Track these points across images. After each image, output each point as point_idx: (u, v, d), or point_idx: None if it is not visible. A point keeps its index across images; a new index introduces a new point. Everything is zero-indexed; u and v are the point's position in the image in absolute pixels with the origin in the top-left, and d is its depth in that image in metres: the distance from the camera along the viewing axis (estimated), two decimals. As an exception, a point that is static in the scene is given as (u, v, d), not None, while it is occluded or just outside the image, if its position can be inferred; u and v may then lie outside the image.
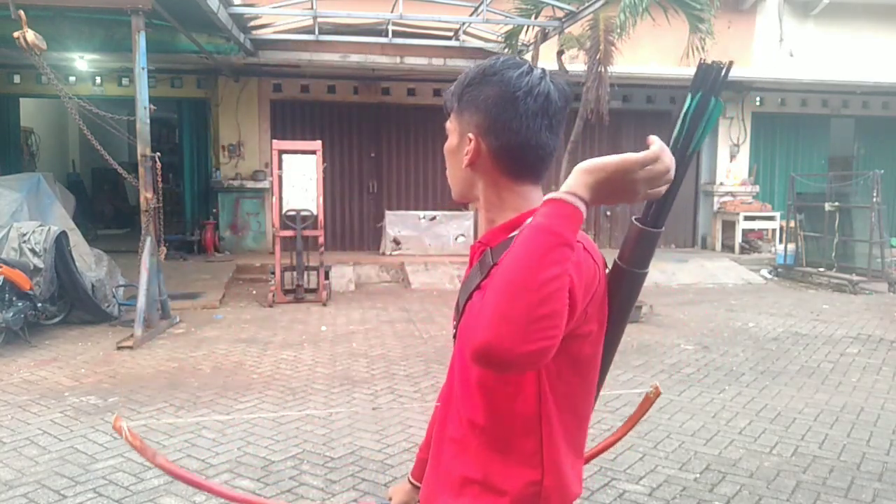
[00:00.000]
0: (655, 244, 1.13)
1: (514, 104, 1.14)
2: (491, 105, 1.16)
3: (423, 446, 1.50)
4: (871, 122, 13.89)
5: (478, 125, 1.17)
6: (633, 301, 1.18)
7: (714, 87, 1.06)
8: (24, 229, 6.63)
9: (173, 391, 5.00)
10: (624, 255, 1.14)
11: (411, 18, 8.93)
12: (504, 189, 1.20)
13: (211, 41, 9.25)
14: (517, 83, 1.15)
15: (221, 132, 11.76)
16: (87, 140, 7.41)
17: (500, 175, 1.19)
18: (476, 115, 1.18)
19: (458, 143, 1.22)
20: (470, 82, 1.20)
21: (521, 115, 1.15)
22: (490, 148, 1.17)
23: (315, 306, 8.22)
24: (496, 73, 1.17)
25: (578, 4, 8.31)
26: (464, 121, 1.20)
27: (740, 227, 12.43)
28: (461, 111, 1.21)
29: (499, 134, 1.16)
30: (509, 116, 1.15)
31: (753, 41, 12.14)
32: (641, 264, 1.13)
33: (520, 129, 1.15)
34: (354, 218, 12.32)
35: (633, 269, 1.13)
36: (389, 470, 3.73)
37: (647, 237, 1.11)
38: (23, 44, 6.21)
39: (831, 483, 3.65)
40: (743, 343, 6.71)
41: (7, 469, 3.69)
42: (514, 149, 1.16)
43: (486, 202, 1.22)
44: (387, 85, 11.98)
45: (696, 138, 1.08)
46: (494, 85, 1.16)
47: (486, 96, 1.16)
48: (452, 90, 1.24)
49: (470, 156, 1.19)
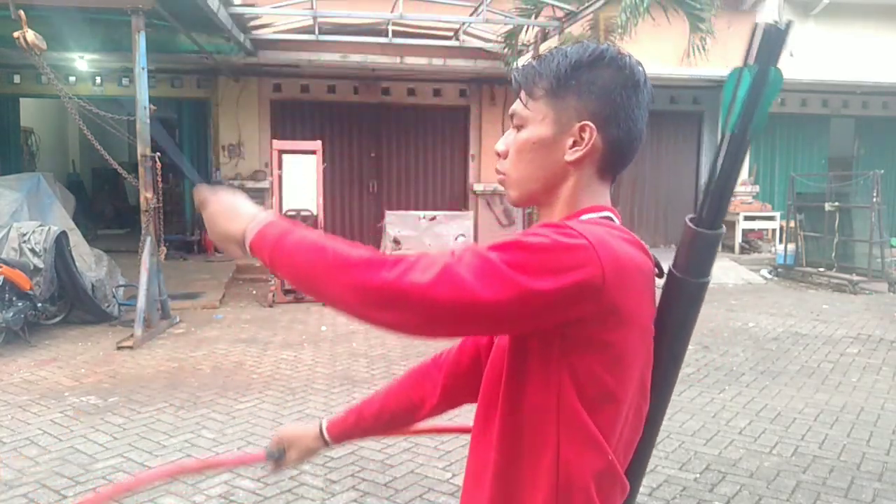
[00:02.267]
0: (714, 248, 1.01)
1: (637, 92, 1.05)
2: (615, 91, 1.04)
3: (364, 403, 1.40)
4: (871, 122, 13.89)
5: (595, 114, 1.04)
6: (692, 315, 1.05)
7: (773, 54, 0.94)
8: (24, 229, 6.62)
9: (173, 391, 5.00)
10: (678, 262, 1.02)
11: (411, 18, 8.93)
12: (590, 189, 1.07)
13: (211, 41, 9.25)
14: (638, 70, 1.06)
15: (221, 132, 11.76)
16: (87, 140, 7.42)
17: (597, 170, 1.07)
18: (594, 102, 1.04)
19: (556, 134, 1.06)
20: (577, 64, 1.05)
21: (642, 104, 1.06)
22: (607, 139, 1.05)
23: (315, 306, 8.22)
24: (611, 59, 1.05)
25: (578, 4, 8.30)
26: (567, 107, 1.05)
27: (740, 227, 12.43)
28: (563, 96, 1.05)
29: (621, 123, 1.04)
30: (633, 105, 1.05)
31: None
32: (698, 272, 1.01)
33: (638, 119, 1.06)
34: (354, 218, 12.32)
35: (688, 278, 1.02)
36: (389, 470, 3.73)
37: (704, 240, 1.00)
38: (23, 44, 6.20)
39: (831, 483, 3.65)
40: (743, 343, 6.71)
41: (7, 469, 3.69)
42: (631, 140, 1.06)
43: (563, 204, 1.08)
44: (387, 85, 11.98)
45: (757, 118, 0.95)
46: (615, 70, 1.05)
47: (607, 81, 1.04)
48: (541, 70, 1.07)
49: (585, 149, 1.04)
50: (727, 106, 0.96)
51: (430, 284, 0.89)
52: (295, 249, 0.98)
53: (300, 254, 0.97)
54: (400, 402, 1.38)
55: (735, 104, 0.95)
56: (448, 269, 0.90)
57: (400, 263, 0.92)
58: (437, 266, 0.90)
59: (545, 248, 0.92)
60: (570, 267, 0.91)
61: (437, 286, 0.89)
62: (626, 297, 0.96)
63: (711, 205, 1.00)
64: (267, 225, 1.04)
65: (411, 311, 0.90)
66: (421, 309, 0.90)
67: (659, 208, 13.19)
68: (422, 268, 0.90)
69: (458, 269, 0.90)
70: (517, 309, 0.91)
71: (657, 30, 8.97)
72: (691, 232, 1.01)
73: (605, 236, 0.96)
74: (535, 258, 0.91)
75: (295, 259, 0.98)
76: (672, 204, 13.21)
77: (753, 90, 0.94)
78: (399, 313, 0.91)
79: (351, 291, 0.92)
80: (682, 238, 1.03)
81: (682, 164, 13.31)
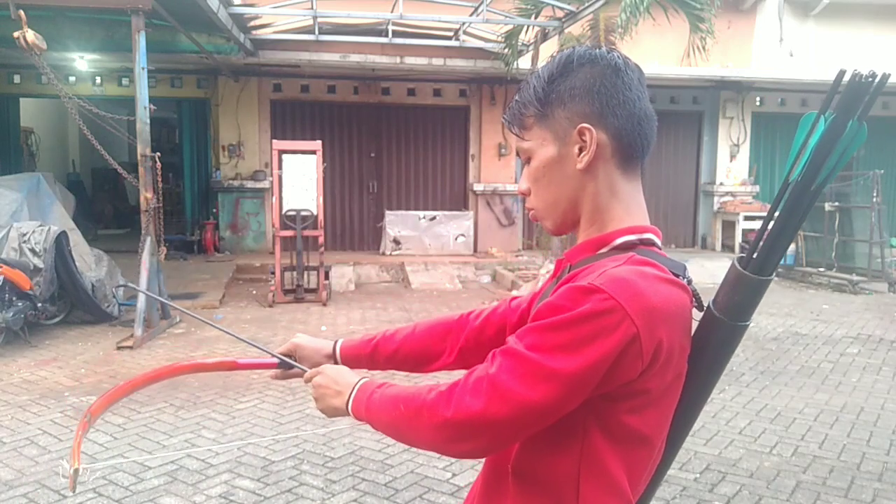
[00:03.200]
0: (760, 295, 0.97)
1: (619, 75, 1.03)
2: (596, 84, 1.03)
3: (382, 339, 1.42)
4: (871, 122, 13.65)
5: (585, 113, 1.03)
6: (726, 356, 1.02)
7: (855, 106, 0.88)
8: (24, 229, 6.62)
9: (173, 391, 5.00)
10: (719, 301, 0.99)
11: (411, 18, 8.93)
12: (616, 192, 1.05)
13: (211, 41, 9.25)
14: (609, 59, 1.04)
15: (221, 132, 11.75)
16: (87, 140, 7.42)
17: (615, 168, 1.05)
18: (579, 104, 1.03)
19: (560, 149, 1.05)
20: (552, 78, 1.05)
21: (629, 85, 1.03)
22: (610, 132, 1.03)
23: (315, 306, 8.22)
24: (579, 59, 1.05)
25: (578, 4, 8.30)
26: (559, 120, 1.04)
27: (740, 227, 12.42)
28: (550, 113, 1.05)
29: (616, 110, 1.02)
30: (620, 87, 1.03)
31: (753, 41, 12.13)
32: (738, 315, 0.97)
33: (634, 99, 1.03)
34: (354, 218, 12.31)
35: (726, 320, 0.98)
36: (389, 470, 3.73)
37: (749, 284, 0.96)
38: (23, 44, 6.21)
39: (831, 483, 3.65)
40: (743, 343, 6.63)
41: (7, 469, 3.69)
42: (636, 122, 1.04)
43: (591, 216, 1.06)
44: (387, 85, 11.98)
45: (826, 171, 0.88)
46: (586, 68, 1.04)
47: (584, 79, 1.03)
48: (525, 99, 1.08)
49: (592, 150, 1.02)
50: (797, 151, 0.92)
51: (485, 407, 0.94)
52: (380, 410, 1.09)
53: (384, 413, 1.08)
54: (417, 349, 1.40)
55: (805, 151, 0.90)
56: (492, 383, 0.94)
57: (453, 393, 0.98)
58: (483, 384, 0.95)
59: (572, 322, 0.93)
60: (603, 333, 0.91)
61: (491, 406, 0.94)
62: (661, 343, 0.94)
63: (763, 250, 0.96)
64: (358, 392, 1.15)
65: (480, 437, 0.96)
66: (487, 431, 0.95)
67: (659, 208, 13.17)
68: (471, 391, 0.95)
69: (501, 379, 0.94)
70: (567, 393, 0.93)
71: (657, 30, 8.97)
72: (737, 273, 0.97)
73: (636, 284, 0.94)
74: (564, 337, 0.93)
75: (382, 419, 1.09)
76: (672, 204, 13.21)
77: (825, 141, 0.89)
78: (473, 442, 0.97)
79: (429, 437, 1.01)
80: (726, 276, 0.99)
81: (681, 164, 13.31)
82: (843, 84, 0.86)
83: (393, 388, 1.08)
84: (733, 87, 12.56)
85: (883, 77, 0.86)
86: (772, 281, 0.96)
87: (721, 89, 12.64)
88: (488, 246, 11.61)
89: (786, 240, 0.94)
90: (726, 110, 12.94)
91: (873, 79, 0.85)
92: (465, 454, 1.01)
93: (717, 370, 1.05)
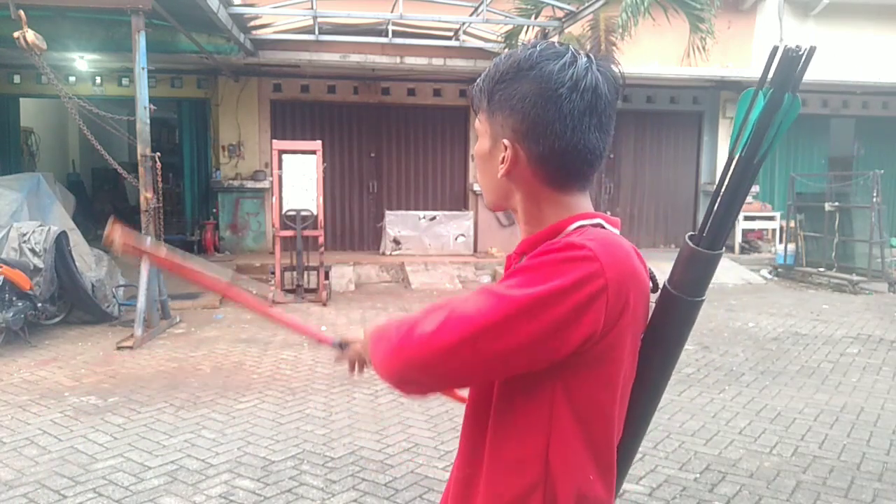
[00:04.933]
0: (712, 269, 0.99)
1: (557, 103, 0.98)
2: (528, 105, 0.99)
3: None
4: (871, 122, 13.88)
5: (514, 129, 1.01)
6: (685, 333, 1.03)
7: (789, 79, 0.89)
8: (24, 229, 6.62)
9: (173, 391, 5.00)
10: (674, 279, 1.00)
11: (411, 18, 8.93)
12: (545, 200, 1.03)
13: (211, 41, 9.26)
14: (559, 78, 0.98)
15: (221, 132, 11.75)
16: (87, 140, 7.41)
17: (542, 185, 1.03)
18: (511, 117, 1.01)
19: (491, 148, 1.06)
20: (502, 78, 1.03)
21: (566, 115, 0.98)
22: (529, 155, 1.01)
23: (315, 306, 8.22)
24: (533, 67, 1.00)
25: (578, 4, 8.31)
26: (496, 123, 1.04)
27: (740, 227, 12.43)
28: (493, 112, 1.04)
29: (539, 139, 0.99)
30: (552, 118, 0.98)
31: (753, 41, 12.13)
32: (694, 291, 0.99)
33: (564, 133, 0.98)
34: (354, 218, 12.31)
35: (683, 296, 0.99)
36: (389, 470, 3.73)
37: (702, 260, 0.97)
38: (23, 44, 6.21)
39: (831, 483, 3.65)
40: (743, 343, 6.71)
41: (7, 469, 3.69)
42: (559, 155, 0.99)
43: (525, 214, 1.06)
44: (387, 85, 11.98)
45: (766, 144, 0.92)
46: (532, 81, 0.99)
47: (523, 95, 1.00)
48: (481, 85, 1.07)
49: (507, 165, 1.02)
50: (738, 127, 0.93)
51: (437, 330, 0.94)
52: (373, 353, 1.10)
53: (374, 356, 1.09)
54: None
55: (746, 127, 0.92)
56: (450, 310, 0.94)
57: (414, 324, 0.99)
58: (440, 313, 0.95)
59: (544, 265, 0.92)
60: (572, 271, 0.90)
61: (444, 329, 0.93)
62: (628, 303, 0.94)
63: (713, 225, 0.97)
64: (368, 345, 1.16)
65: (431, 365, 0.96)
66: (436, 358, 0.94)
67: (659, 208, 13.18)
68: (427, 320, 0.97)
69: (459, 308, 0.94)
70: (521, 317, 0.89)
71: (657, 30, 8.98)
72: (690, 250, 0.98)
73: (612, 244, 0.95)
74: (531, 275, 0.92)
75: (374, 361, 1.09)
76: (672, 204, 13.21)
77: (765, 115, 0.90)
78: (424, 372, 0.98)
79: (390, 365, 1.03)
80: (679, 255, 1.01)
81: (681, 164, 13.30)
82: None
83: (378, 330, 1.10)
84: (733, 87, 12.54)
85: (811, 49, 0.86)
86: (722, 255, 0.99)
87: (721, 89, 12.64)
88: (488, 246, 11.61)
89: (733, 213, 0.96)
90: (726, 110, 12.93)
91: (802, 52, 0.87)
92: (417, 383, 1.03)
93: (677, 347, 1.05)
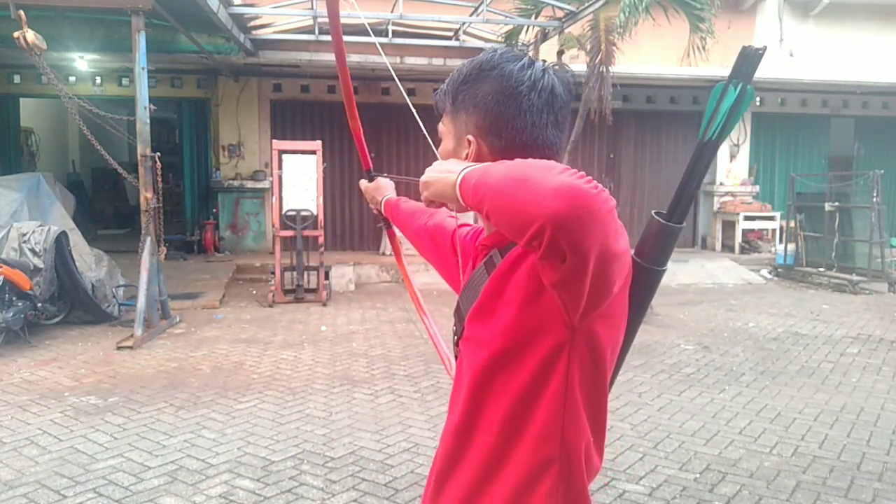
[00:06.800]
0: (675, 240, 1.09)
1: (517, 100, 1.06)
2: (491, 102, 1.07)
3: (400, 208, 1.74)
4: (871, 122, 13.89)
5: (477, 125, 1.09)
6: (649, 299, 1.14)
7: (750, 73, 1.01)
8: (24, 229, 6.62)
9: (173, 391, 5.00)
10: (643, 252, 1.09)
11: (411, 18, 8.93)
12: None
13: (211, 41, 9.25)
14: (519, 77, 1.07)
15: (221, 132, 11.76)
16: (87, 140, 7.41)
17: None
18: (475, 114, 1.09)
19: (455, 147, 1.14)
20: (465, 79, 1.11)
21: (526, 111, 1.07)
22: (492, 149, 1.09)
23: (315, 306, 8.22)
24: (495, 68, 1.08)
25: (578, 4, 8.31)
26: (460, 122, 1.12)
27: (740, 227, 12.43)
28: (456, 111, 1.13)
29: (502, 133, 1.08)
30: (512, 114, 1.07)
31: (753, 41, 12.13)
32: (661, 261, 1.09)
33: (524, 128, 1.07)
34: (354, 218, 12.32)
35: (651, 267, 1.09)
36: (389, 470, 3.73)
37: (668, 233, 1.07)
38: (23, 44, 6.21)
39: (831, 483, 3.65)
40: (743, 343, 6.71)
41: (7, 469, 3.69)
42: (519, 149, 1.07)
43: None
44: (387, 85, 11.98)
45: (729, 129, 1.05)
46: (494, 80, 1.08)
47: (486, 93, 1.08)
48: (445, 89, 1.15)
49: (471, 159, 1.10)
50: (709, 115, 1.02)
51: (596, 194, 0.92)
52: (498, 173, 0.97)
53: (504, 173, 0.96)
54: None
55: (717, 115, 1.01)
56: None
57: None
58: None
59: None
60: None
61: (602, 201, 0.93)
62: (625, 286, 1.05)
63: (682, 203, 1.06)
64: (470, 169, 1.03)
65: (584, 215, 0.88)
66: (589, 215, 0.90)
67: (659, 208, 13.12)
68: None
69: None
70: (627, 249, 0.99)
71: (657, 30, 8.97)
72: (660, 225, 1.06)
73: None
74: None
75: (499, 175, 0.96)
76: (672, 204, 13.21)
77: (737, 104, 1.00)
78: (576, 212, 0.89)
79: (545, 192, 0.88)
80: (647, 230, 1.09)
81: (682, 164, 13.18)
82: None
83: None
84: (733, 87, 12.54)
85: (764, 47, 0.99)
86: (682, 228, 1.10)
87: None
88: (488, 246, 11.60)
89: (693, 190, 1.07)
90: (726, 110, 12.93)
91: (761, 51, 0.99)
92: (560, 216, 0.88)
93: (642, 311, 1.13)
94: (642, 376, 5.51)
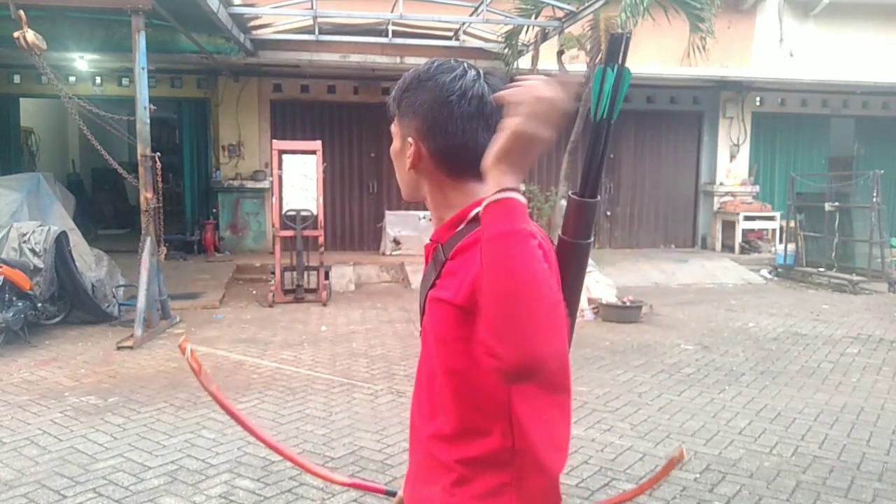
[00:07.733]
0: (594, 214, 1.17)
1: (449, 108, 1.19)
2: (427, 109, 1.20)
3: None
4: (871, 122, 13.89)
5: (417, 129, 1.22)
6: (583, 272, 1.21)
7: (616, 55, 1.10)
8: (24, 229, 6.63)
9: (173, 391, 5.00)
10: (569, 229, 1.17)
11: (411, 18, 8.93)
12: (448, 188, 1.24)
13: (211, 41, 9.25)
14: (450, 87, 1.19)
15: (221, 132, 11.76)
16: (87, 140, 7.41)
17: (443, 175, 1.23)
18: (414, 119, 1.22)
19: (401, 147, 1.27)
20: (407, 88, 1.24)
21: (457, 118, 1.19)
22: (429, 151, 1.22)
23: (315, 306, 8.22)
24: (430, 79, 1.21)
25: (578, 4, 8.31)
26: (404, 125, 1.25)
27: (740, 227, 12.43)
28: (401, 116, 1.25)
29: (436, 137, 1.20)
30: (445, 120, 1.19)
31: (753, 41, 12.13)
32: (584, 235, 1.18)
33: (456, 132, 1.19)
34: (354, 218, 12.31)
35: (579, 241, 1.17)
36: (389, 470, 3.73)
37: (588, 208, 1.15)
38: (23, 44, 6.21)
39: (831, 483, 3.65)
40: (743, 343, 6.71)
41: (7, 469, 3.69)
42: (453, 151, 1.20)
43: (433, 201, 1.27)
44: (387, 85, 11.96)
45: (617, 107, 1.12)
46: (429, 90, 1.21)
47: (422, 101, 1.21)
48: (393, 94, 1.28)
49: (412, 159, 1.23)
50: (596, 97, 1.11)
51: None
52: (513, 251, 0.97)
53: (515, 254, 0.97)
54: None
55: (602, 96, 1.11)
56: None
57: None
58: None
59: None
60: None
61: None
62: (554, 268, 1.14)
63: (591, 179, 1.14)
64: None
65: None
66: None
67: (659, 208, 13.18)
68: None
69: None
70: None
71: (657, 30, 8.97)
72: (578, 202, 1.15)
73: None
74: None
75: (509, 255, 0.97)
76: (672, 204, 13.21)
77: (617, 84, 1.10)
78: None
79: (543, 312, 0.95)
80: (567, 210, 1.17)
81: (681, 164, 13.31)
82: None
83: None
84: (733, 87, 12.55)
85: (629, 32, 1.15)
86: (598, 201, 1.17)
87: (721, 89, 12.64)
88: (488, 246, 11.60)
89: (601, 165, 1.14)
90: (726, 110, 12.94)
91: (628, 34, 1.10)
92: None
93: (580, 283, 1.21)
94: (642, 376, 5.51)
